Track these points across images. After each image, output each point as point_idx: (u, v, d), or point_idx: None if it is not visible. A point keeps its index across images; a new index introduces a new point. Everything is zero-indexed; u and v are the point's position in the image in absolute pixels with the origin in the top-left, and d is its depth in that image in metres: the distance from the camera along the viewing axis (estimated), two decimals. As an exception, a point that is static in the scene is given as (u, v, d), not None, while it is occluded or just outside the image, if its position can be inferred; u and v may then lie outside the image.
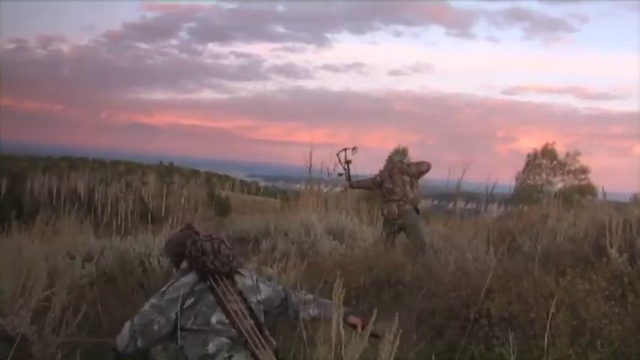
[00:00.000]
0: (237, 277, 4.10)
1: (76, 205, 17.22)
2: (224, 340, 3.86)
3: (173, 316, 3.84)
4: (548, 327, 4.81)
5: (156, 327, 3.84)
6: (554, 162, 50.22)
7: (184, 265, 4.15)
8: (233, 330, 3.86)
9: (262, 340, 3.91)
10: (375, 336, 3.93)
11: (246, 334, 3.85)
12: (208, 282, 3.94)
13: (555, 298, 5.01)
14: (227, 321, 3.86)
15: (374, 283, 7.43)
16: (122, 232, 10.43)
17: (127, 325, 3.90)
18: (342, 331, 3.86)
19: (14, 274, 5.83)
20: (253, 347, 3.83)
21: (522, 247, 8.21)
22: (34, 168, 27.02)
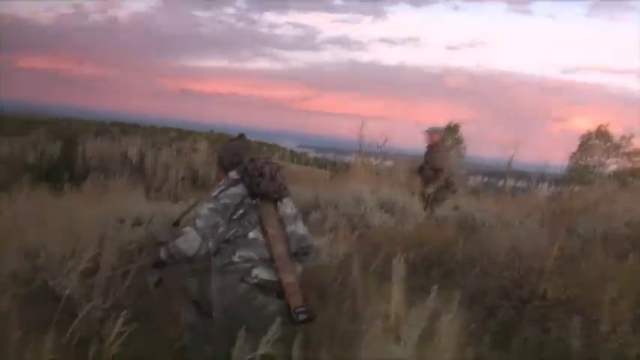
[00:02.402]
0: (279, 204, 4.25)
1: (127, 170, 17.34)
2: (252, 254, 4.04)
3: (226, 220, 4.03)
4: (609, 312, 4.70)
5: (221, 229, 4.01)
6: (608, 143, 49.48)
7: (233, 174, 4.27)
8: (264, 250, 4.04)
9: (289, 267, 4.07)
10: None
11: (276, 257, 4.02)
12: (255, 201, 4.11)
13: (617, 282, 4.91)
14: (262, 240, 4.05)
15: (424, 260, 7.34)
16: (172, 198, 10.44)
17: (190, 229, 4.03)
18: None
19: (64, 236, 5.90)
20: (280, 269, 4.01)
21: (578, 228, 7.97)
22: (86, 132, 27.21)
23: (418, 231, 8.37)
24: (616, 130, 43.86)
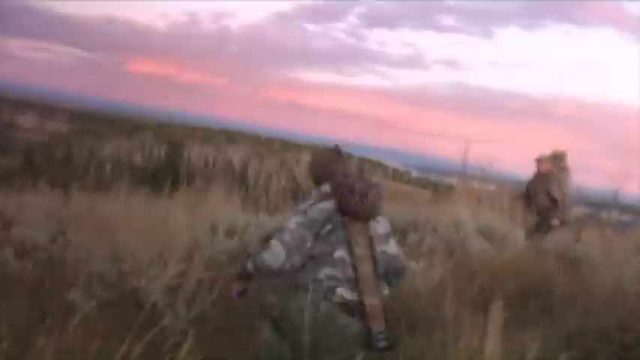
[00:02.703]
0: (371, 222, 4.12)
1: (230, 178, 17.50)
2: (337, 273, 3.94)
3: (314, 236, 3.97)
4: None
5: (309, 244, 3.94)
6: None
7: (326, 188, 4.20)
8: (350, 270, 3.92)
9: (374, 289, 3.96)
10: None
11: (361, 278, 3.92)
12: (345, 218, 4.00)
13: None
14: (348, 260, 3.94)
15: (522, 291, 7.10)
16: (270, 208, 10.36)
17: (277, 242, 3.95)
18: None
19: (154, 241, 5.89)
20: (364, 291, 3.90)
21: None
22: (192, 137, 27.59)
23: (517, 261, 8.09)
24: None
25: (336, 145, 4.51)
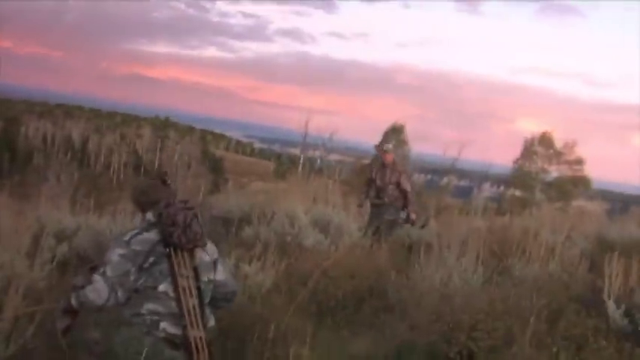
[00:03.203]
0: (196, 251, 4.04)
1: (69, 154, 17.26)
2: (160, 307, 3.85)
3: (137, 269, 3.87)
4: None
5: (132, 277, 3.85)
6: (551, 151, 50.71)
7: (150, 216, 4.06)
8: (173, 304, 3.84)
9: (199, 321, 3.90)
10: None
11: (185, 312, 3.85)
12: (168, 249, 3.90)
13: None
14: (172, 294, 3.86)
15: (355, 292, 7.18)
16: (98, 210, 9.95)
17: (98, 278, 3.85)
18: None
19: None
20: (188, 325, 3.84)
21: (512, 269, 7.79)
22: (30, 112, 26.97)
23: (351, 260, 7.96)
24: (559, 135, 44.80)
25: (162, 172, 4.40)
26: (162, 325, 3.84)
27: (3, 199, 10.07)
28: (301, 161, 65.12)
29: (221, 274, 4.20)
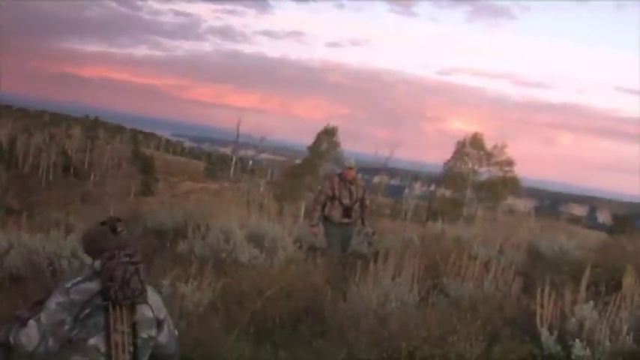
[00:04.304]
0: (138, 306, 3.84)
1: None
2: None
3: (73, 319, 3.71)
4: None
5: (67, 327, 3.69)
6: (481, 152, 51.76)
7: (97, 264, 3.87)
8: (102, 359, 3.70)
9: None
10: None
11: None
12: (106, 302, 3.73)
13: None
14: (103, 349, 3.70)
15: (292, 312, 7.15)
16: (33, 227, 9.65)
17: (33, 323, 3.72)
18: None
19: None
20: None
21: (447, 288, 7.76)
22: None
23: (287, 278, 7.92)
24: (489, 133, 45.83)
25: (113, 219, 4.16)
26: None
27: None
28: (233, 161, 65.25)
29: (165, 336, 4.03)
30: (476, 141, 50.71)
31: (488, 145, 50.83)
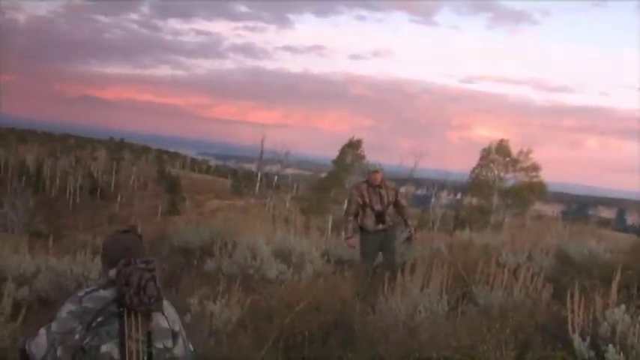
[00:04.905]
0: (155, 315, 3.77)
1: (23, 179, 17.23)
2: None
3: (85, 327, 3.62)
4: None
5: (77, 336, 3.58)
6: (507, 158, 51.62)
7: (113, 273, 3.78)
8: None
9: None
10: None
11: None
12: (121, 309, 3.64)
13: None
14: (117, 357, 3.60)
15: (321, 326, 7.08)
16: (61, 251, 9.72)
17: (43, 331, 3.69)
18: None
19: None
20: None
21: (477, 298, 7.71)
22: (-19, 139, 26.74)
23: (315, 292, 7.86)
24: (513, 139, 45.80)
25: (132, 226, 4.15)
26: None
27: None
28: (258, 177, 65.44)
29: (180, 349, 3.93)
30: (501, 147, 50.55)
31: (514, 151, 50.76)
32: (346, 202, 11.34)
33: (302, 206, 48.55)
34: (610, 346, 5.66)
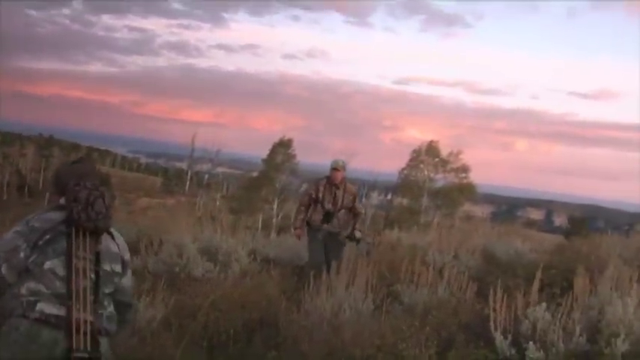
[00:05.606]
0: (104, 238, 3.69)
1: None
2: (41, 286, 3.50)
3: (30, 246, 3.56)
4: None
5: (22, 254, 3.52)
6: (437, 159, 52.41)
7: (63, 200, 3.72)
8: (59, 284, 3.50)
9: (88, 305, 3.50)
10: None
11: (73, 292, 3.48)
12: (69, 229, 3.57)
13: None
14: (60, 273, 3.51)
15: (246, 325, 7.10)
16: None
17: None
18: None
19: None
20: (73, 305, 3.46)
21: (402, 296, 7.77)
22: None
23: (240, 290, 7.88)
24: (444, 141, 46.54)
25: (82, 157, 4.19)
26: (40, 305, 3.47)
27: None
28: (189, 176, 65.25)
29: (128, 281, 3.88)
30: (431, 149, 51.30)
31: (444, 152, 51.51)
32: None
33: (232, 205, 48.65)
34: (530, 343, 5.79)
